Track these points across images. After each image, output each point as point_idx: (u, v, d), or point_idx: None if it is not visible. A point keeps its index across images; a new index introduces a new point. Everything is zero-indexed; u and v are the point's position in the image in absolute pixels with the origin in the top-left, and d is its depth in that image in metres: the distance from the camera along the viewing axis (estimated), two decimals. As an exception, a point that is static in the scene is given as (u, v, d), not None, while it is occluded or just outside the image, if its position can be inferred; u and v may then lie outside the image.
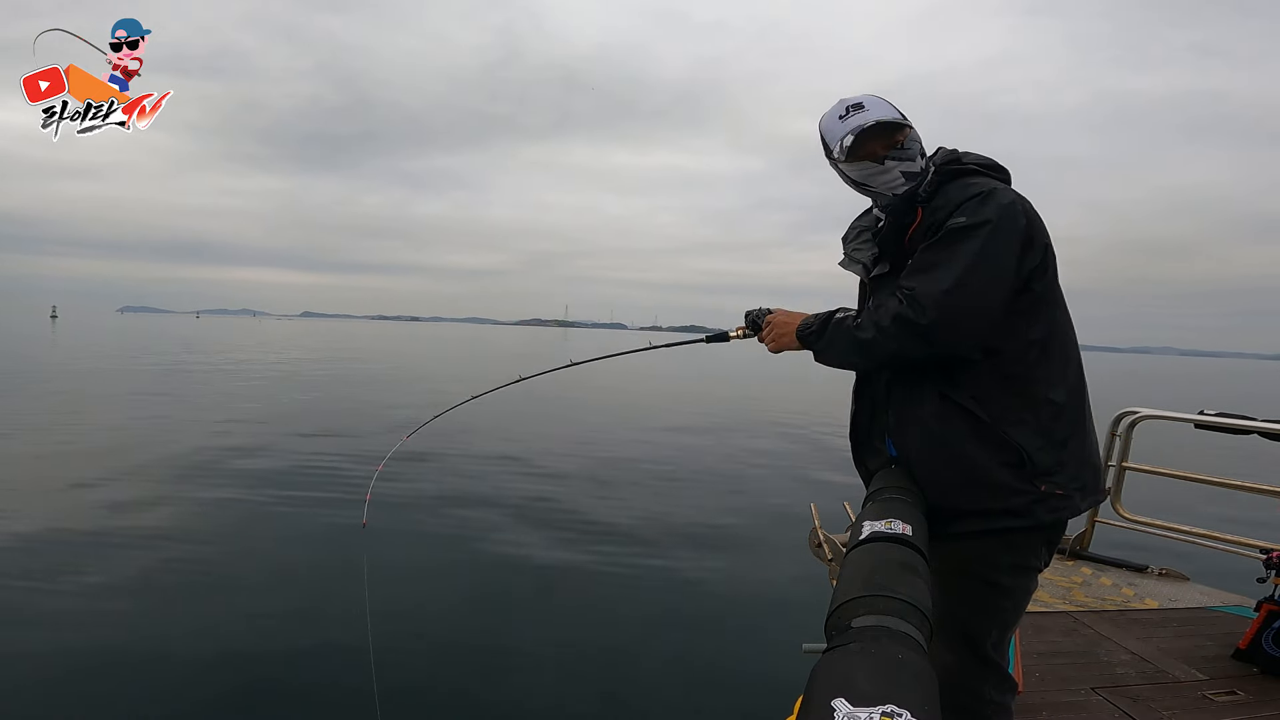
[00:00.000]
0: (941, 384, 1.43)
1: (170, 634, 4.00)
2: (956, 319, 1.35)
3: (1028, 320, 1.41)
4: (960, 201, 1.41)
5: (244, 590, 4.70)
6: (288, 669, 3.69)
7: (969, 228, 1.37)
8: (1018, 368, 1.40)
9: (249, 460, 8.72)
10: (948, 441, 1.41)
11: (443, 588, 4.93)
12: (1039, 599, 3.27)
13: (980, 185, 1.44)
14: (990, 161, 1.54)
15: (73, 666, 3.60)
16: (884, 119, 1.48)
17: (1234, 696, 2.41)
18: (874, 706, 0.67)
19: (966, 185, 1.45)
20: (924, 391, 1.45)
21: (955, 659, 1.46)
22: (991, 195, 1.40)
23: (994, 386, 1.40)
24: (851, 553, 1.16)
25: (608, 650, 4.09)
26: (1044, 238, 1.41)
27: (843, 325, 1.50)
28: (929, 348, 1.38)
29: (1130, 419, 3.95)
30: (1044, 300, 1.42)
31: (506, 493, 7.61)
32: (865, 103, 1.50)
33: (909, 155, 1.49)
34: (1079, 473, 1.42)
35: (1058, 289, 1.46)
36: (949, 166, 1.51)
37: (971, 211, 1.38)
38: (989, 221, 1.36)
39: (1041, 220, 1.44)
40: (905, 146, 1.49)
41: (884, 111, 1.49)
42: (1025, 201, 1.44)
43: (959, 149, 1.57)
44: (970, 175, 1.49)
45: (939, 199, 1.47)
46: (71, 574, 4.79)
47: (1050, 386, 1.41)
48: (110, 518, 6.15)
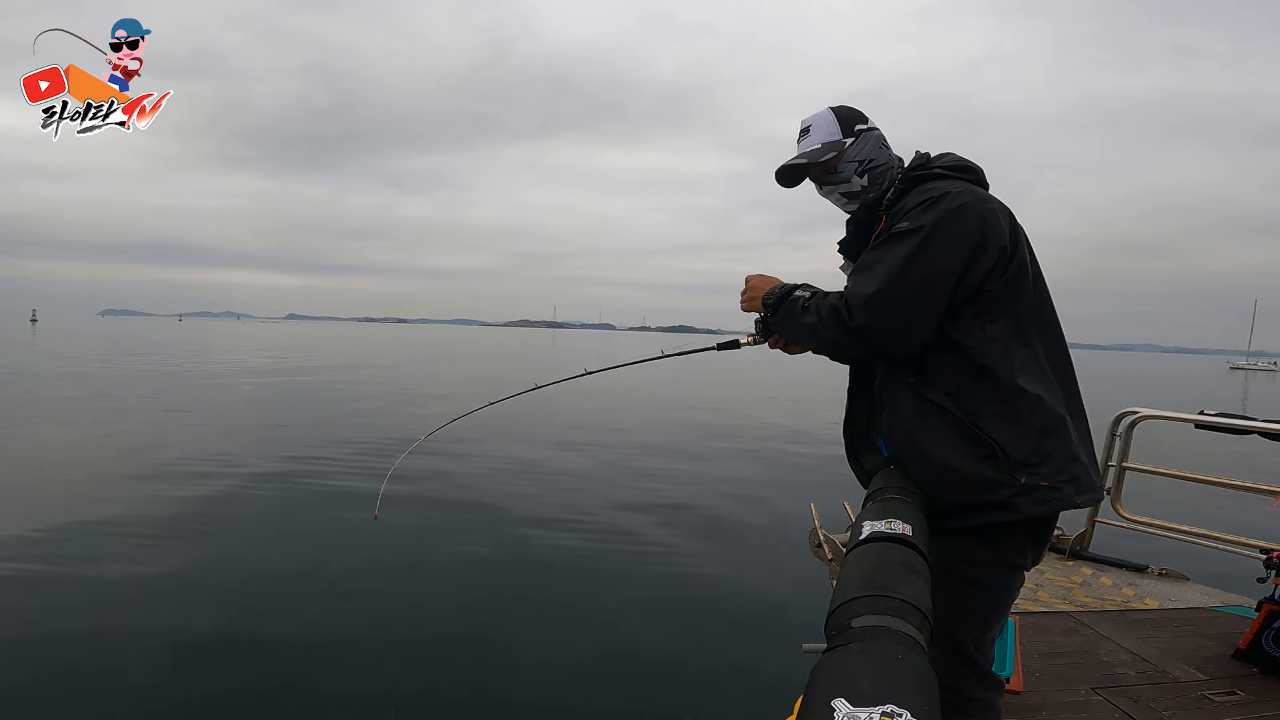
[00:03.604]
0: (916, 382, 1.45)
1: (178, 627, 4.00)
2: (880, 321, 1.41)
3: (987, 319, 1.42)
4: (911, 207, 1.47)
5: (253, 585, 4.70)
6: (292, 667, 3.70)
7: (906, 232, 1.42)
8: (985, 363, 1.41)
9: (265, 462, 8.72)
10: (927, 438, 1.42)
11: (441, 588, 4.93)
12: (1039, 599, 3.28)
13: (934, 190, 1.46)
14: (962, 163, 1.56)
15: (73, 665, 3.60)
16: (789, 163, 1.63)
17: (1234, 696, 2.41)
18: (874, 706, 0.67)
19: (923, 190, 1.49)
20: (903, 390, 1.47)
21: (937, 657, 1.47)
22: (939, 200, 1.43)
23: (967, 382, 1.42)
24: (851, 553, 1.16)
25: (607, 650, 4.09)
26: (1000, 240, 1.42)
27: (796, 304, 1.56)
28: (861, 347, 1.47)
29: (1130, 419, 3.95)
30: (1001, 299, 1.43)
31: (506, 492, 7.61)
32: (812, 124, 1.63)
33: (843, 178, 1.60)
34: (1065, 465, 1.41)
35: (1026, 287, 1.46)
36: (914, 172, 1.56)
37: (915, 217, 1.43)
38: (924, 226, 1.40)
39: (1005, 221, 1.45)
40: (838, 170, 1.60)
41: (816, 137, 1.61)
42: (987, 203, 1.45)
43: (933, 152, 1.60)
44: (934, 180, 1.51)
45: (899, 205, 1.53)
46: (71, 574, 4.80)
47: (1024, 379, 1.42)
48: (110, 516, 6.16)
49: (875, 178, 1.60)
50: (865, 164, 1.60)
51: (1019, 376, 1.41)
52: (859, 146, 1.60)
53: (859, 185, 1.60)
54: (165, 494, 7.03)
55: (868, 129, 1.62)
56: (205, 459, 8.67)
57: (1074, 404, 1.50)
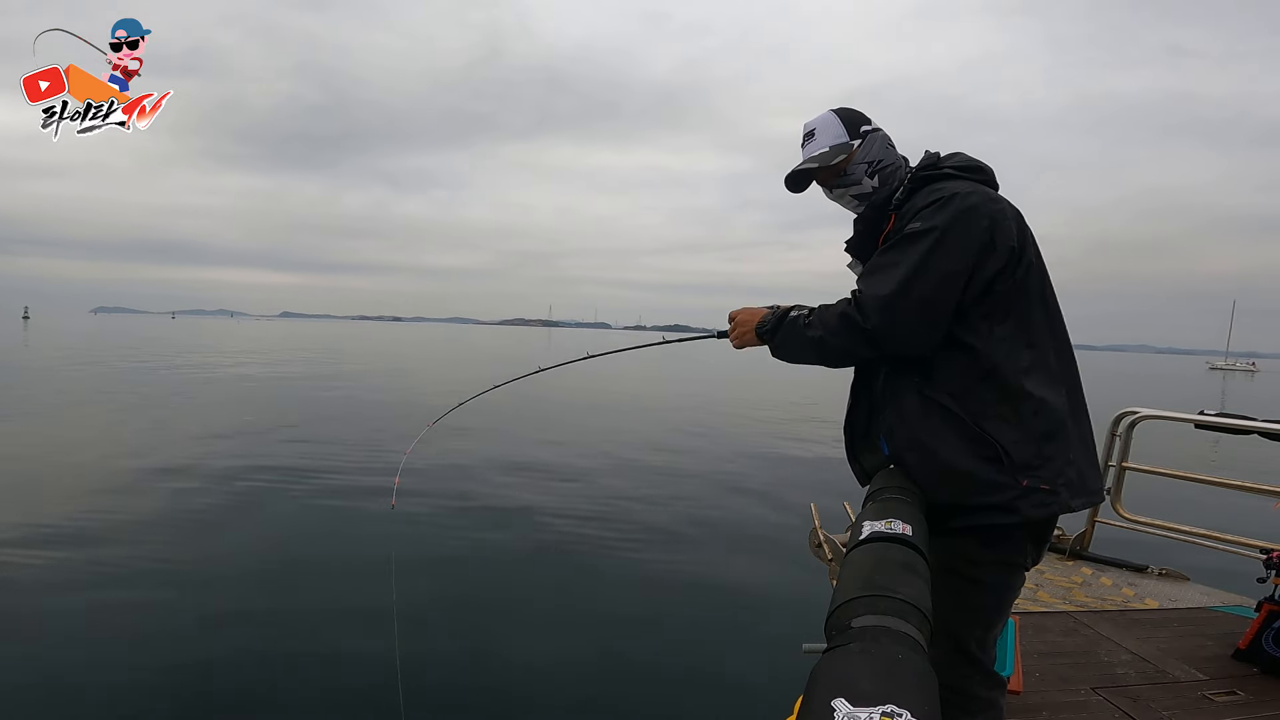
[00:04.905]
0: (921, 382, 1.45)
1: (190, 626, 4.01)
2: (896, 322, 1.40)
3: (994, 319, 1.42)
4: (921, 207, 1.46)
5: (261, 583, 4.70)
6: (300, 665, 3.70)
7: (919, 233, 1.42)
8: (991, 364, 1.41)
9: (270, 458, 8.72)
10: (929, 439, 1.42)
11: (440, 588, 4.93)
12: (1039, 599, 3.27)
13: (944, 190, 1.46)
14: (971, 163, 1.55)
15: (72, 668, 3.60)
16: (799, 168, 1.64)
17: (1234, 696, 2.40)
18: (874, 706, 0.67)
19: (932, 190, 1.49)
20: (907, 390, 1.47)
21: (940, 655, 1.47)
22: (950, 200, 1.42)
23: (972, 383, 1.42)
24: (851, 553, 1.16)
25: (607, 650, 4.09)
26: (1010, 240, 1.42)
27: (796, 324, 1.54)
28: (875, 349, 1.46)
29: (1130, 419, 3.95)
30: (1010, 299, 1.43)
31: (505, 492, 7.61)
32: (817, 128, 1.64)
33: (854, 179, 1.62)
34: (1064, 469, 1.41)
35: (1034, 288, 1.46)
36: (923, 172, 1.56)
37: (926, 217, 1.43)
38: (938, 227, 1.40)
39: (1015, 222, 1.45)
40: (848, 172, 1.61)
41: (822, 141, 1.62)
42: (997, 203, 1.45)
43: (943, 151, 1.60)
44: (943, 180, 1.51)
45: (908, 205, 1.52)
46: (69, 573, 4.80)
47: (1030, 382, 1.41)
48: (108, 518, 6.16)
49: (885, 178, 1.60)
50: (875, 165, 1.60)
51: (1024, 378, 1.41)
52: (867, 148, 1.60)
53: (870, 187, 1.60)
54: (161, 492, 7.04)
55: (873, 130, 1.63)
56: (204, 459, 8.67)
57: (1077, 405, 1.50)
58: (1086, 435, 1.50)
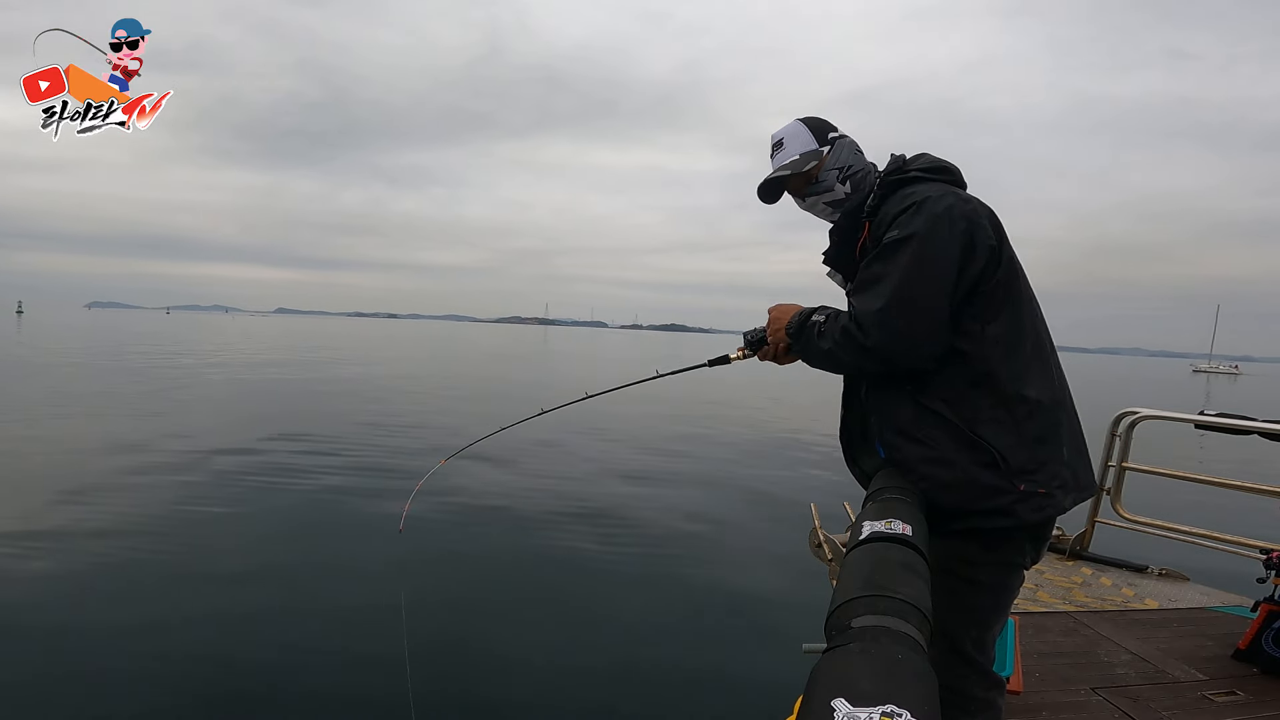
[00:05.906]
0: (913, 389, 1.44)
1: (202, 630, 4.01)
2: (896, 335, 1.38)
3: (983, 321, 1.41)
4: (895, 214, 1.44)
5: (261, 583, 4.70)
6: (303, 668, 3.70)
7: (899, 241, 1.40)
8: (984, 367, 1.40)
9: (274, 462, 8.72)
10: (924, 445, 1.42)
11: (439, 587, 4.93)
12: (1039, 599, 3.28)
13: (915, 194, 1.44)
14: (938, 164, 1.54)
15: (75, 666, 3.60)
16: (771, 176, 1.64)
17: (1234, 696, 2.41)
18: (874, 706, 0.67)
19: (903, 196, 1.47)
20: (899, 397, 1.46)
21: (937, 656, 1.47)
22: (924, 205, 1.41)
23: (964, 388, 1.41)
24: (851, 553, 1.16)
25: (607, 650, 4.09)
26: (989, 239, 1.41)
27: (812, 330, 1.53)
28: (879, 363, 1.43)
29: (1130, 419, 3.95)
30: (996, 299, 1.42)
31: (504, 492, 7.61)
32: (785, 137, 1.64)
33: (826, 186, 1.61)
34: (1059, 471, 1.41)
35: (1017, 287, 1.46)
36: (892, 178, 1.54)
37: (903, 224, 1.41)
38: (917, 233, 1.38)
39: (990, 221, 1.44)
40: (820, 179, 1.61)
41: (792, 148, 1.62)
42: (970, 204, 1.44)
43: (908, 154, 1.58)
44: (912, 184, 1.49)
45: (881, 212, 1.50)
46: (70, 574, 4.80)
47: (1022, 384, 1.41)
48: (106, 520, 6.15)
49: (857, 184, 1.60)
50: (846, 171, 1.60)
51: (1017, 382, 1.41)
52: (836, 154, 1.61)
53: (843, 193, 1.60)
54: (162, 491, 7.04)
55: (840, 136, 1.63)
56: (205, 460, 8.67)
57: (1065, 401, 1.49)
58: (1076, 431, 1.50)
